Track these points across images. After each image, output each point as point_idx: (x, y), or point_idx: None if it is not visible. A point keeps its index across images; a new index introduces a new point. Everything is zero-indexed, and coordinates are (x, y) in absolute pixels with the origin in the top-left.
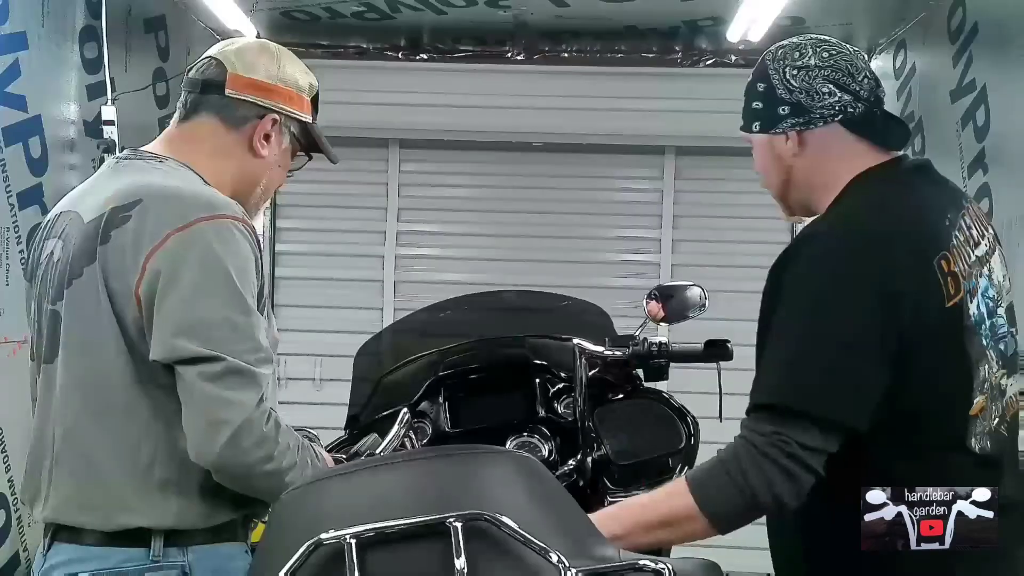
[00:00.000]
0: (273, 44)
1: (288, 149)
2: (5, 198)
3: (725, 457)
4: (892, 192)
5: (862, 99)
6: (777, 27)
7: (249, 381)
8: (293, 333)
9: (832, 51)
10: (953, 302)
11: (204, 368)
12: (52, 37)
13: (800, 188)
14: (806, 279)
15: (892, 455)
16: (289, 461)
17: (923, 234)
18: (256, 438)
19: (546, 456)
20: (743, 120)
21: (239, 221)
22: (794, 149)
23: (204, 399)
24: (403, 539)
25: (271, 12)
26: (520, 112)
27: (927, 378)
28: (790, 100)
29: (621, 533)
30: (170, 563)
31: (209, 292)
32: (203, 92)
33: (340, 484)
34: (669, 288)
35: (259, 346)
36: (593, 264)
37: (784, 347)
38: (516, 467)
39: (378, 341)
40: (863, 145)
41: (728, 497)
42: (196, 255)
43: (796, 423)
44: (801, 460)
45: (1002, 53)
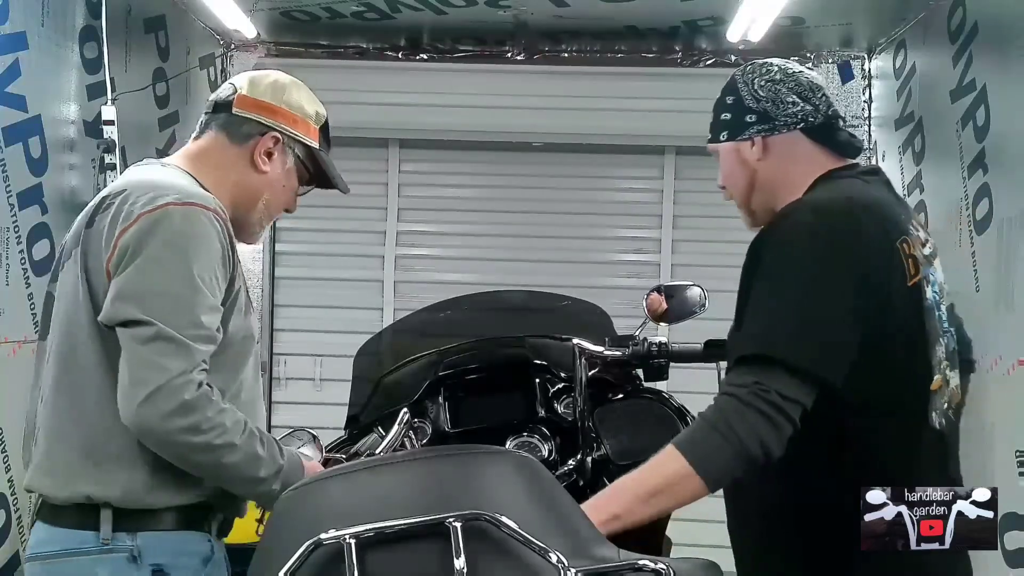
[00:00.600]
0: (288, 77)
1: (293, 171)
2: (5, 198)
3: (708, 414)
4: (855, 185)
5: (821, 112)
6: (777, 27)
7: (179, 350)
8: (293, 333)
9: (795, 70)
10: (914, 281)
11: (136, 331)
12: (52, 37)
13: (764, 191)
14: (783, 246)
15: (862, 427)
16: (224, 440)
17: (886, 218)
18: (176, 404)
19: (546, 456)
20: (711, 133)
21: (210, 211)
22: (759, 154)
23: (130, 359)
24: (403, 539)
25: (271, 12)
26: (520, 112)
27: (893, 346)
28: (757, 109)
29: (620, 511)
30: (120, 547)
31: (160, 264)
32: (214, 111)
33: (340, 484)
34: (669, 288)
35: (198, 323)
36: (593, 264)
37: (763, 306)
38: (516, 467)
39: (378, 341)
40: (821, 152)
41: (718, 451)
42: (160, 232)
43: (774, 373)
44: (781, 408)
45: (1002, 53)
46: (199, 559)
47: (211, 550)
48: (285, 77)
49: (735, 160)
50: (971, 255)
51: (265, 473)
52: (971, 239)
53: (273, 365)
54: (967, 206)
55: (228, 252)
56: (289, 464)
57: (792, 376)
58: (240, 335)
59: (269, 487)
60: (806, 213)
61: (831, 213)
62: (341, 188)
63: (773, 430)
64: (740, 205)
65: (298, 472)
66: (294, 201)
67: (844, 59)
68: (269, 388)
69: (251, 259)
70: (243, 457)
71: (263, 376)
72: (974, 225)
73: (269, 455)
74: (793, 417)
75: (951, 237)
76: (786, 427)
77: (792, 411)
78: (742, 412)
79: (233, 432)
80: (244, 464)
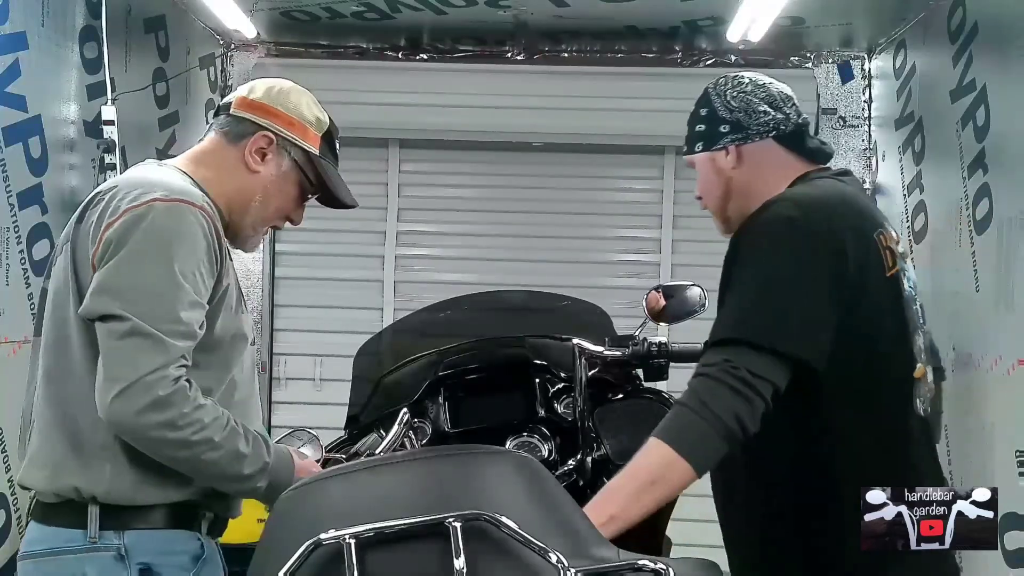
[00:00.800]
0: (294, 85)
1: (291, 176)
2: (5, 198)
3: (682, 398)
4: (831, 184)
5: (792, 120)
6: (777, 27)
7: (154, 345)
8: (293, 333)
9: (765, 82)
10: (891, 272)
11: (113, 326)
12: (52, 37)
13: (739, 198)
14: (759, 235)
15: (850, 415)
16: (202, 436)
17: (862, 212)
18: (149, 400)
19: (546, 456)
20: (686, 145)
21: (197, 208)
22: (733, 162)
23: (106, 354)
24: (402, 539)
25: (271, 12)
26: (520, 112)
27: (874, 334)
28: (730, 119)
29: (617, 511)
30: (107, 545)
31: (141, 259)
32: (216, 115)
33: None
34: (669, 288)
35: (177, 318)
36: (593, 264)
37: (737, 292)
38: (515, 467)
39: (378, 341)
40: (794, 158)
41: (697, 430)
42: (143, 227)
43: (742, 351)
44: (749, 383)
45: (1002, 53)
46: (188, 558)
47: (201, 548)
48: (290, 84)
49: (711, 169)
50: (971, 255)
51: (250, 470)
52: (971, 239)
53: (273, 365)
54: (967, 206)
55: (215, 249)
56: (277, 462)
57: (760, 354)
58: (230, 334)
59: (254, 484)
60: (785, 204)
61: (809, 203)
62: (347, 203)
63: (745, 404)
64: (715, 213)
65: (287, 470)
66: (294, 210)
67: (844, 59)
68: (269, 388)
69: (251, 259)
70: (224, 454)
71: (263, 376)
72: (974, 225)
73: (254, 452)
74: (763, 393)
75: (951, 237)
76: (757, 401)
77: (762, 388)
78: (713, 389)
79: (212, 429)
80: (225, 461)
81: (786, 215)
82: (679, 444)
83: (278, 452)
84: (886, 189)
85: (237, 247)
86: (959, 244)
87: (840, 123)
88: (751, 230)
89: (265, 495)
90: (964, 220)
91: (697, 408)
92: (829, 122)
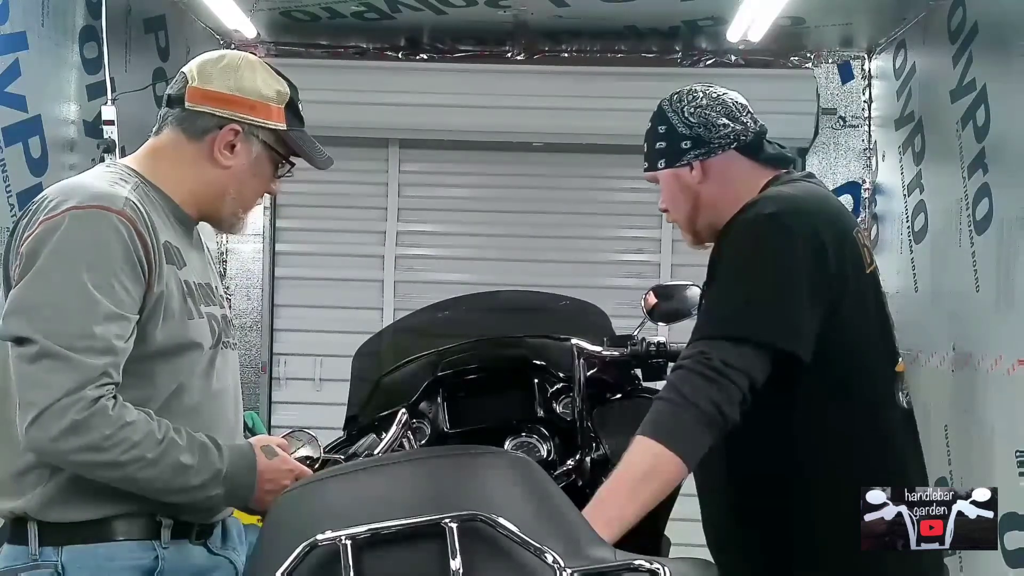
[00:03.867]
0: (239, 55)
1: (262, 158)
2: (5, 198)
3: (662, 393)
4: (805, 185)
5: (751, 129)
6: (777, 27)
7: (64, 366)
8: (293, 333)
9: (719, 93)
10: (871, 269)
11: (23, 350)
12: (52, 37)
13: (708, 211)
14: (742, 236)
15: (833, 409)
16: (131, 455)
17: (840, 210)
18: (65, 425)
19: (545, 456)
20: (647, 162)
21: (115, 213)
22: (699, 177)
23: (19, 379)
24: (399, 540)
25: (271, 12)
26: (520, 112)
27: (859, 329)
28: (691, 135)
29: (616, 512)
30: (46, 563)
31: (48, 275)
32: (169, 106)
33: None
34: (668, 288)
35: (90, 334)
36: (593, 264)
37: (718, 290)
38: (512, 468)
39: (377, 341)
40: (758, 166)
41: (679, 420)
42: (54, 240)
43: (718, 344)
44: (724, 373)
45: (1002, 53)
46: (137, 572)
47: (156, 560)
48: (236, 57)
49: (676, 186)
50: (971, 255)
51: (199, 480)
52: (971, 239)
53: (273, 365)
54: (967, 206)
55: (139, 256)
56: (233, 467)
57: (737, 346)
58: (173, 343)
59: (208, 493)
60: (766, 203)
61: (790, 202)
62: (319, 165)
63: (720, 391)
64: (684, 227)
65: (248, 473)
66: (271, 186)
67: (844, 59)
68: (269, 388)
69: (251, 259)
70: (163, 469)
71: (263, 376)
72: (974, 225)
73: (201, 462)
74: (737, 382)
75: (951, 237)
76: (732, 388)
77: (736, 377)
78: (688, 378)
79: (144, 446)
80: (168, 476)
81: (767, 213)
82: (662, 435)
83: (237, 455)
84: (886, 189)
85: (224, 232)
86: (959, 244)
87: (840, 123)
88: (733, 230)
89: (227, 501)
90: (964, 220)
91: (675, 399)
92: (829, 122)
